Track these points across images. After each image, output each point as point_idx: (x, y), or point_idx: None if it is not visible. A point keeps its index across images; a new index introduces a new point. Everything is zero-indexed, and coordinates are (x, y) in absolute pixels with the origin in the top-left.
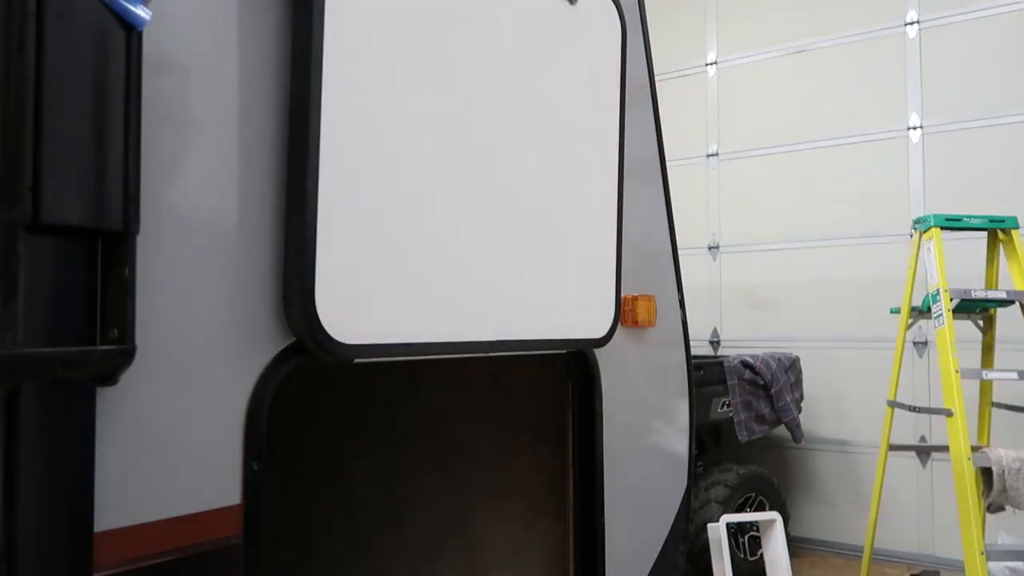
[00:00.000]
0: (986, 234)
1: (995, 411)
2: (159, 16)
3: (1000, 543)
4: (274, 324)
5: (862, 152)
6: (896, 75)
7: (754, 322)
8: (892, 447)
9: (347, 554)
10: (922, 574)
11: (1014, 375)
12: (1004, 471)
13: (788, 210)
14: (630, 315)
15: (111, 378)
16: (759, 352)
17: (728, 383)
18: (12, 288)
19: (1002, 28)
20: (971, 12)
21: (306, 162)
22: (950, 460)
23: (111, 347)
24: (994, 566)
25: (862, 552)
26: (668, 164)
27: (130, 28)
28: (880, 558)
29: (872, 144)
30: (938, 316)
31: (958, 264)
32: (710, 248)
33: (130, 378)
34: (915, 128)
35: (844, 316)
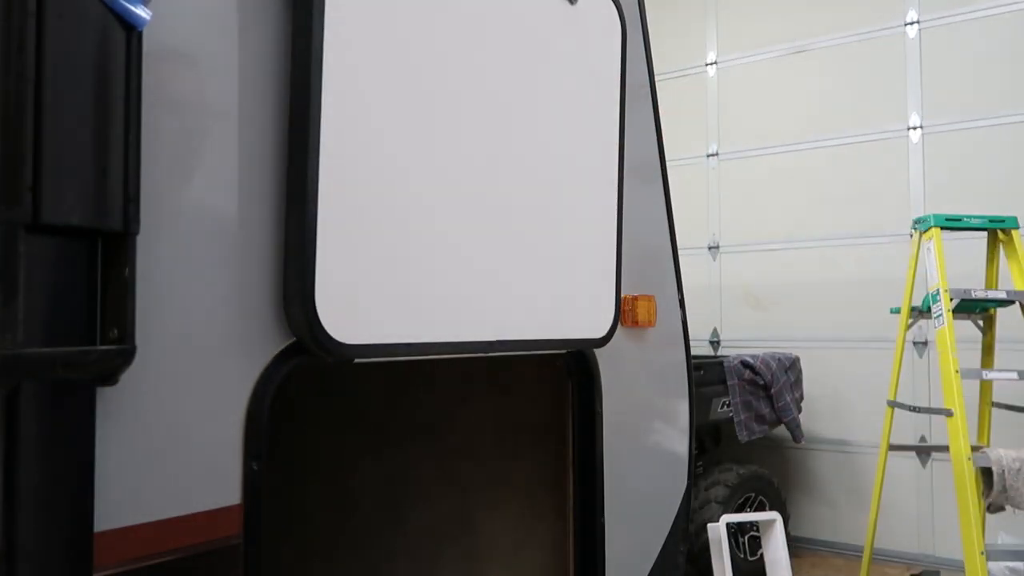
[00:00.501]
0: (986, 234)
1: (995, 411)
2: (159, 15)
3: (1000, 543)
4: (274, 324)
5: (862, 152)
6: (896, 75)
7: (754, 322)
8: (892, 447)
9: (347, 554)
10: (922, 574)
11: (1014, 375)
12: (1004, 471)
13: (788, 210)
14: (630, 315)
15: (111, 378)
16: (759, 352)
17: (728, 383)
18: (12, 288)
19: (1002, 28)
20: (971, 12)
21: (306, 162)
22: (950, 460)
23: (111, 347)
24: (994, 566)
25: (862, 552)
26: (668, 164)
27: (130, 28)
28: (880, 558)
29: (872, 144)
30: (938, 316)
31: (958, 264)
32: (710, 248)
33: (130, 378)
34: (915, 128)
35: (844, 316)
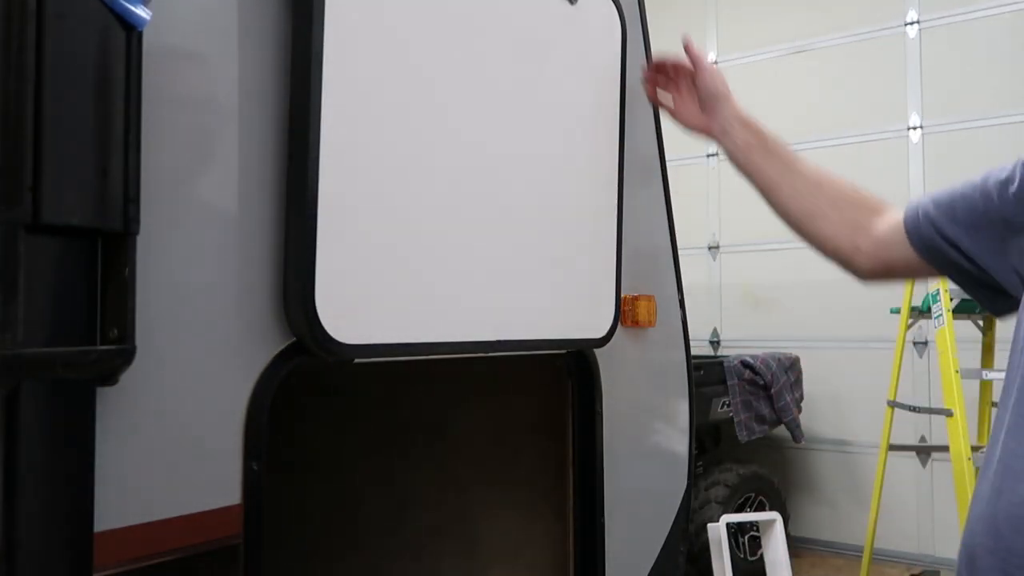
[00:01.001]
0: None
1: (995, 411)
2: (159, 14)
3: None
4: (274, 324)
5: (862, 152)
6: (896, 75)
7: (754, 322)
8: (892, 447)
9: (347, 554)
10: (922, 574)
11: None
12: None
13: None
14: (630, 315)
15: (111, 378)
16: (759, 352)
17: (728, 383)
18: (12, 288)
19: (1002, 28)
20: (971, 12)
21: (306, 162)
22: (950, 460)
23: (111, 347)
24: None
25: (862, 552)
26: (668, 164)
27: (130, 28)
28: (880, 558)
29: (872, 144)
30: (938, 316)
31: None
32: (710, 248)
33: (130, 378)
34: (915, 128)
35: (844, 316)
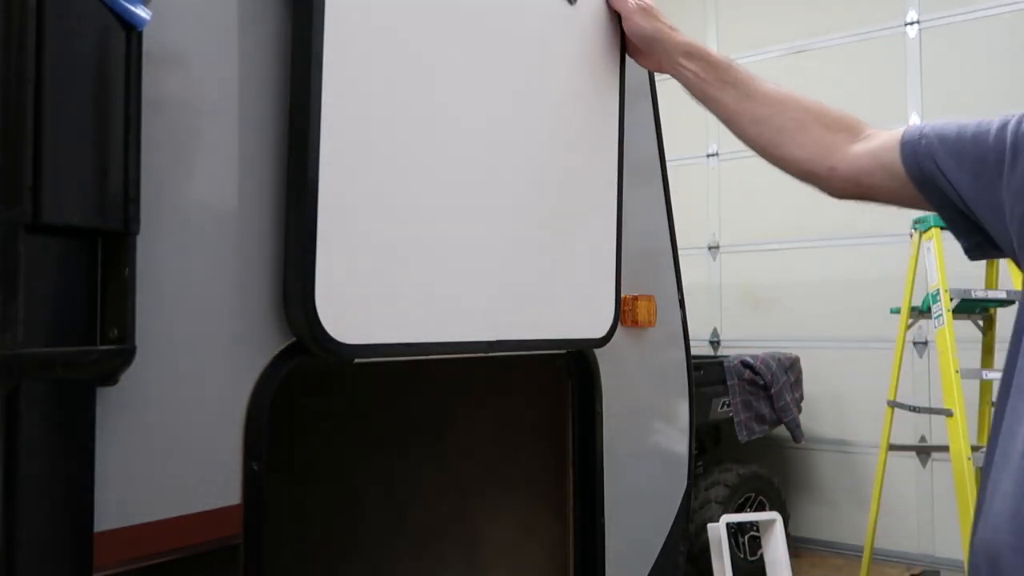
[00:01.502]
0: None
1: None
2: (159, 13)
3: None
4: (274, 324)
5: None
6: (896, 75)
7: (754, 322)
8: (892, 447)
9: (347, 554)
10: (922, 574)
11: None
12: None
13: (788, 210)
14: (630, 315)
15: (111, 378)
16: (759, 352)
17: (728, 383)
18: (12, 288)
19: (1002, 28)
20: (971, 12)
21: (306, 162)
22: (950, 460)
23: (111, 347)
24: None
25: (862, 552)
26: (668, 164)
27: (130, 28)
28: (880, 558)
29: None
30: (938, 316)
31: (958, 264)
32: (710, 248)
33: (130, 378)
34: None
35: (844, 316)
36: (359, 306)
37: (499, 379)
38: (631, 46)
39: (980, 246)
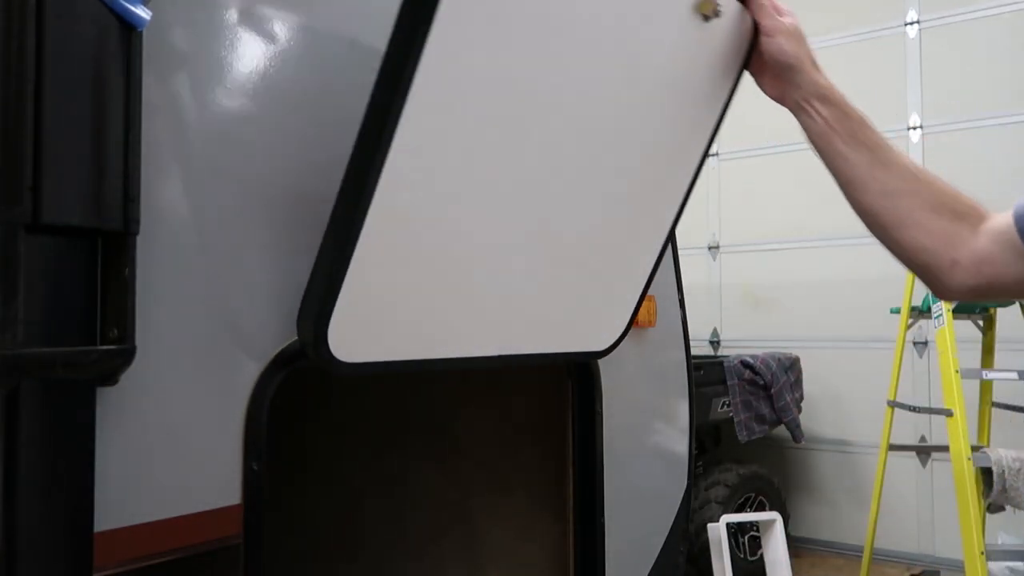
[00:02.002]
0: None
1: (995, 411)
2: (159, 13)
3: (1000, 543)
4: (275, 324)
5: None
6: (896, 75)
7: (754, 322)
8: (892, 447)
9: (348, 554)
10: (922, 574)
11: (1014, 375)
12: (1004, 471)
13: (788, 210)
14: None
15: (111, 378)
16: (759, 352)
17: (728, 383)
18: (12, 288)
19: (1002, 28)
20: (971, 12)
21: (356, 208)
22: (950, 460)
23: (111, 347)
24: (994, 566)
25: (862, 552)
26: None
27: (130, 28)
28: (880, 558)
29: None
30: (938, 316)
31: None
32: (710, 248)
33: (130, 378)
34: (915, 128)
35: (844, 316)
36: (368, 331)
37: (500, 380)
38: (760, 67)
39: None
